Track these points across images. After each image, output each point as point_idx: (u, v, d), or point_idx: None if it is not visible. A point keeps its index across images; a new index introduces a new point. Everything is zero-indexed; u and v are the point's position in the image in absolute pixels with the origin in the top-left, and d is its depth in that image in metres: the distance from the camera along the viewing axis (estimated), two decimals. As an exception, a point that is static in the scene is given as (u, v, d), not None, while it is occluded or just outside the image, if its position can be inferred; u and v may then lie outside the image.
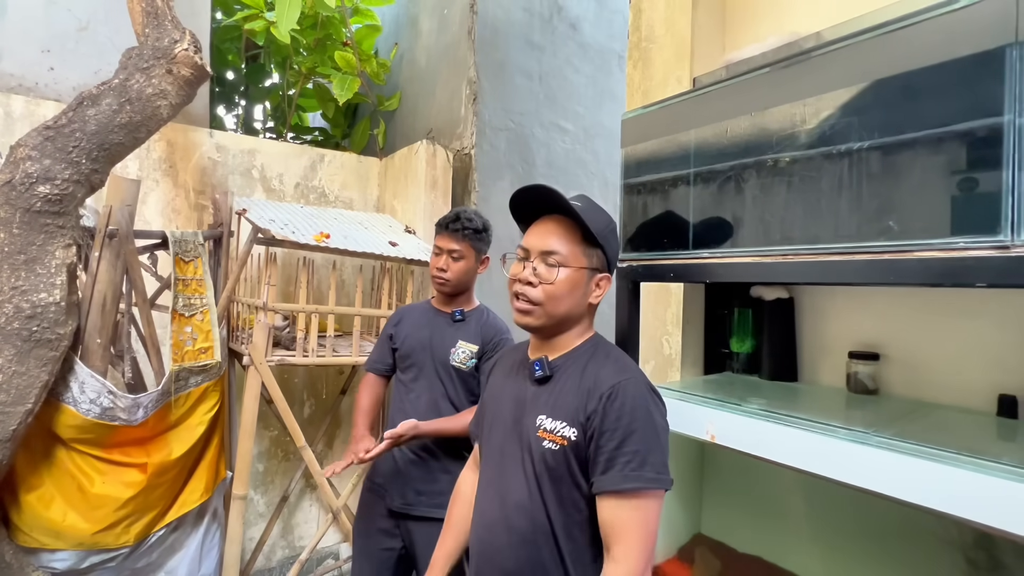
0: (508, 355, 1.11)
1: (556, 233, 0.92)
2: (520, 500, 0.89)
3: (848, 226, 0.84)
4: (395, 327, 1.63)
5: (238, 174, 2.42)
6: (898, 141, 0.78)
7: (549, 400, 0.91)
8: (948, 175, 0.74)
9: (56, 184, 1.36)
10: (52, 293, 1.36)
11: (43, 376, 1.36)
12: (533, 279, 0.91)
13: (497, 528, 0.91)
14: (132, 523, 1.60)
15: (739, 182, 1.01)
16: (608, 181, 2.97)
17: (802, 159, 0.91)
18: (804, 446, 0.89)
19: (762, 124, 0.97)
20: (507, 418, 0.97)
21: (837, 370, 1.26)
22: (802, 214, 0.91)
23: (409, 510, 1.50)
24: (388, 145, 3.06)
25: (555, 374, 0.93)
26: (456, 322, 1.58)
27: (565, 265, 0.90)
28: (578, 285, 0.91)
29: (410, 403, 1.54)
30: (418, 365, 1.56)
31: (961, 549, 0.93)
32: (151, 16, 1.71)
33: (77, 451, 1.53)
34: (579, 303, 0.93)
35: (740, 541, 1.32)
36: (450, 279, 1.54)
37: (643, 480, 0.79)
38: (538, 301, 0.91)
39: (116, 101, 1.49)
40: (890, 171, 0.79)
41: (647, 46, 1.62)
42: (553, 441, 0.87)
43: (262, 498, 2.47)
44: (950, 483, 0.73)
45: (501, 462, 0.95)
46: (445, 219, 1.56)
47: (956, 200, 0.73)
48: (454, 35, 2.67)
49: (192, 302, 1.74)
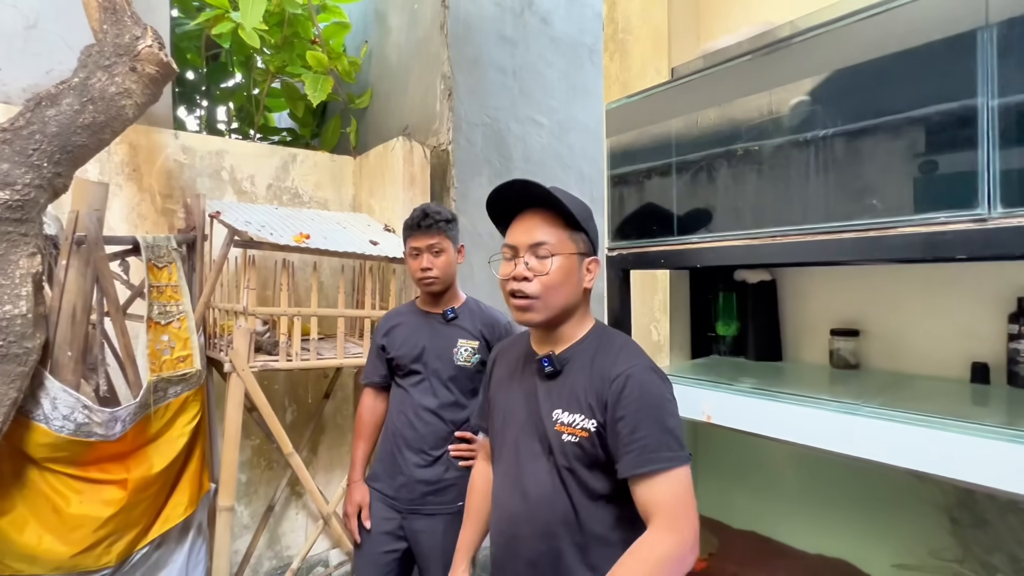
0: (509, 348, 1.11)
1: (540, 224, 0.92)
2: (543, 493, 0.91)
3: (833, 206, 0.87)
4: (386, 337, 1.59)
5: (206, 176, 2.34)
6: (881, 123, 0.82)
7: (562, 393, 0.92)
8: (925, 154, 0.77)
9: (16, 189, 1.28)
10: (17, 305, 1.28)
11: (11, 393, 1.29)
12: (528, 274, 0.91)
13: (519, 520, 0.93)
14: (113, 543, 1.53)
15: (725, 167, 1.04)
16: (584, 174, 3.00)
17: (786, 143, 0.94)
18: (798, 420, 0.93)
19: (746, 109, 1.00)
20: (520, 413, 0.98)
21: (820, 348, 1.31)
22: (788, 196, 0.94)
23: (418, 508, 1.49)
24: (360, 143, 3.00)
25: (564, 367, 0.94)
26: (450, 321, 1.56)
27: (556, 253, 0.91)
28: (572, 271, 0.92)
29: (414, 408, 1.52)
30: (420, 371, 1.54)
31: (946, 510, 0.98)
32: (108, 12, 1.63)
33: (51, 471, 1.45)
34: (575, 290, 0.94)
35: (734, 518, 1.37)
36: (438, 276, 1.52)
37: (663, 460, 0.82)
38: (536, 295, 0.90)
39: (77, 101, 1.41)
40: (872, 152, 0.83)
41: (623, 38, 1.64)
42: (573, 434, 0.89)
43: (246, 509, 2.40)
44: (936, 446, 0.77)
45: (518, 457, 0.96)
46: (413, 219, 1.53)
47: (934, 178, 0.77)
48: (426, 30, 2.64)
49: (168, 309, 1.67)
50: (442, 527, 1.47)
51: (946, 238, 0.76)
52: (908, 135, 0.79)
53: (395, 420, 1.56)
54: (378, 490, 1.55)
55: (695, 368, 1.36)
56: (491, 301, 2.75)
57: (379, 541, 1.51)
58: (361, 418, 1.63)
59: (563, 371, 0.94)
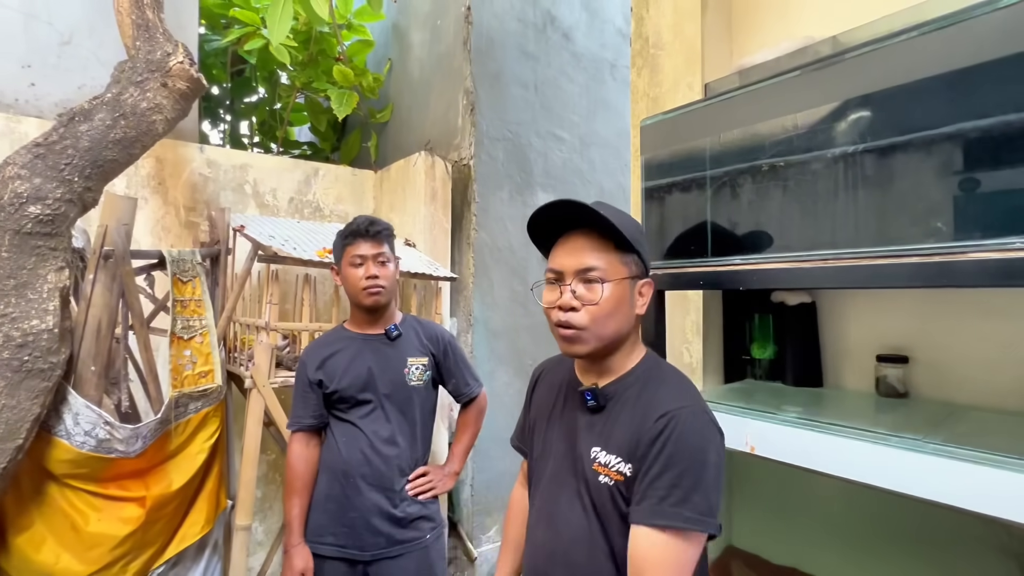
0: (552, 371, 1.04)
1: (589, 247, 0.84)
2: (578, 534, 0.85)
3: (896, 228, 0.83)
4: (320, 370, 1.43)
5: (230, 190, 2.35)
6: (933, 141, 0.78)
7: (604, 431, 0.85)
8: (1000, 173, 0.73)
9: (48, 204, 1.29)
10: (44, 320, 1.27)
11: (35, 409, 1.27)
12: (575, 303, 0.82)
13: (555, 559, 0.87)
14: (130, 562, 1.50)
15: (769, 184, 1.00)
16: (605, 189, 2.97)
17: (843, 159, 0.89)
18: (853, 455, 0.87)
19: (792, 123, 0.96)
20: (559, 446, 0.91)
21: (862, 373, 1.25)
22: (844, 217, 0.89)
23: (383, 553, 1.39)
24: (380, 158, 3.01)
25: (608, 403, 0.87)
26: (393, 339, 1.47)
27: (607, 280, 0.82)
28: (624, 298, 0.84)
29: (368, 439, 1.41)
30: (370, 399, 1.42)
31: (1016, 557, 0.91)
32: (141, 29, 1.65)
33: (70, 487, 1.43)
34: (628, 318, 0.86)
35: (774, 552, 1.30)
36: (385, 285, 1.42)
37: (681, 519, 0.73)
38: (584, 325, 0.82)
39: (110, 116, 1.42)
40: (939, 171, 0.79)
41: (654, 53, 1.62)
42: (608, 476, 0.82)
43: (260, 525, 2.36)
44: (1007, 487, 0.71)
45: (555, 492, 0.90)
46: (358, 227, 1.44)
47: (988, 200, 0.73)
48: (448, 46, 2.65)
49: (191, 324, 1.66)
50: (415, 566, 1.39)
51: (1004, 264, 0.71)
52: (978, 152, 0.75)
53: (344, 459, 1.41)
54: (329, 544, 1.40)
55: (731, 393, 1.30)
56: (511, 319, 2.70)
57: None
58: (294, 470, 1.43)
59: (607, 407, 0.86)
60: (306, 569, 1.39)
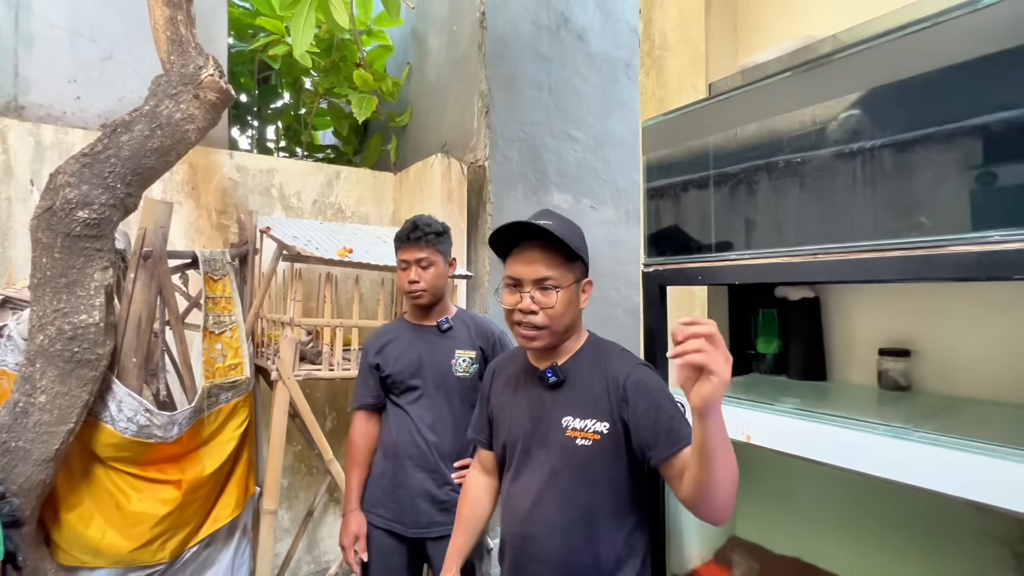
0: (505, 365, 1.17)
1: (542, 260, 1.00)
2: (557, 497, 0.99)
3: (882, 222, 0.85)
4: (379, 355, 1.54)
5: (258, 193, 2.47)
6: (932, 137, 0.80)
7: (569, 401, 1.01)
8: (981, 169, 0.75)
9: (94, 209, 1.40)
10: (92, 314, 1.39)
11: (84, 396, 1.39)
12: (534, 307, 0.99)
13: (534, 522, 1.01)
14: (168, 540, 1.62)
15: (766, 181, 1.03)
16: (619, 188, 3.00)
17: (834, 156, 0.92)
18: (844, 443, 0.90)
19: (789, 122, 0.99)
20: (526, 425, 1.05)
21: (866, 367, 1.26)
22: (834, 213, 0.92)
23: (424, 532, 1.47)
24: (400, 160, 3.11)
25: (567, 377, 1.03)
26: (444, 332, 1.55)
27: (560, 287, 0.99)
28: (572, 299, 1.02)
29: (415, 424, 1.50)
30: (418, 386, 1.51)
31: (1009, 544, 0.93)
32: (176, 44, 1.77)
33: (115, 469, 1.56)
34: (575, 312, 1.05)
35: (776, 542, 1.32)
36: (426, 289, 1.50)
37: (684, 437, 0.92)
38: (543, 325, 0.99)
39: (148, 127, 1.54)
40: (924, 167, 0.81)
41: (660, 54, 1.65)
42: (586, 438, 0.98)
43: (287, 513, 2.48)
44: (999, 475, 0.73)
45: (530, 466, 1.04)
46: (403, 232, 1.52)
47: (990, 193, 0.75)
48: (464, 50, 2.72)
49: (221, 319, 1.77)
50: None
51: (1003, 257, 0.74)
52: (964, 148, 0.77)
53: (395, 440, 1.51)
54: (379, 515, 1.50)
55: (735, 386, 1.33)
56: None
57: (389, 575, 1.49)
58: (355, 444, 1.55)
59: (566, 381, 1.03)
60: (360, 533, 1.50)
